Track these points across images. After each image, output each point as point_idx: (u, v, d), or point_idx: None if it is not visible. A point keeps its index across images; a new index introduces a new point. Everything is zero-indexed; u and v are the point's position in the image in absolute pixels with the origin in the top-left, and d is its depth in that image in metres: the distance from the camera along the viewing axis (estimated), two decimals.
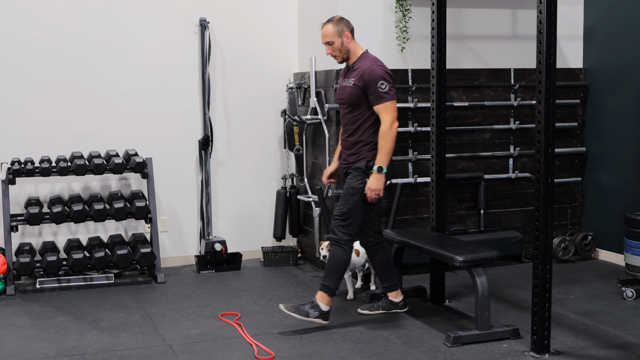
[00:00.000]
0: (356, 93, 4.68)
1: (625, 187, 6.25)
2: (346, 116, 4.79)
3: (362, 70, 4.66)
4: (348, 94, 4.72)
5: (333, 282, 4.71)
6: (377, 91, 4.60)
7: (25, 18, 5.98)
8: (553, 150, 4.18)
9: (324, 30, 4.79)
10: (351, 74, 4.76)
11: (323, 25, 4.81)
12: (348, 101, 4.74)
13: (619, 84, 6.29)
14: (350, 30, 4.77)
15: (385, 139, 4.60)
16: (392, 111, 4.61)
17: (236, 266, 6.33)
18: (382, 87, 4.60)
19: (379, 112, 4.63)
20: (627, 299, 5.30)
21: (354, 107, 4.72)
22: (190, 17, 6.37)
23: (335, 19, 4.79)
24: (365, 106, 4.68)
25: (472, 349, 4.35)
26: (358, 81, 4.66)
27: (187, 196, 6.50)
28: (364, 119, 4.70)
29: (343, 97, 4.78)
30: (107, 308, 5.26)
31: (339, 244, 4.71)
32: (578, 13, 6.59)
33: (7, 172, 5.74)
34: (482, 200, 6.30)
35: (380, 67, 4.67)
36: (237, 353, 4.35)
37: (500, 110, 6.41)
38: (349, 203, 4.70)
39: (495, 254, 4.64)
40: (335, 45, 4.75)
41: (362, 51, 4.80)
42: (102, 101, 6.21)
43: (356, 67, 4.74)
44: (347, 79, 4.78)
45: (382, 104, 4.61)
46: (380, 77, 4.61)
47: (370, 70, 4.63)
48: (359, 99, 4.68)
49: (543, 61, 4.11)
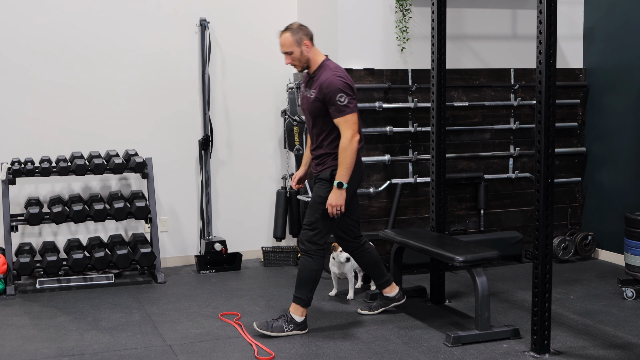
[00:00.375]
0: (317, 106, 4.52)
1: (625, 187, 6.25)
2: (310, 127, 4.66)
3: (321, 82, 4.48)
4: (310, 106, 4.57)
5: (305, 293, 4.61)
6: (337, 104, 4.42)
7: (25, 18, 5.98)
8: (553, 150, 4.18)
9: (281, 40, 4.58)
10: (312, 84, 4.59)
11: (281, 33, 4.60)
12: (310, 113, 4.59)
13: (619, 84, 6.29)
14: (310, 38, 4.58)
15: (345, 154, 4.42)
16: (352, 124, 4.44)
17: (236, 266, 6.33)
18: (340, 100, 4.41)
19: (339, 126, 4.46)
20: (627, 299, 5.30)
21: (317, 118, 4.57)
22: (190, 17, 6.37)
23: (293, 26, 4.58)
24: (328, 118, 4.52)
25: (472, 349, 4.35)
26: (318, 93, 4.50)
27: (187, 196, 6.50)
28: (328, 130, 4.55)
29: (305, 109, 4.64)
30: (107, 308, 5.26)
31: (308, 254, 4.58)
32: (578, 13, 6.59)
33: (7, 172, 5.74)
34: (482, 200, 6.30)
35: (340, 79, 4.46)
36: (237, 353, 4.35)
37: (500, 110, 6.42)
38: (317, 212, 4.57)
39: (495, 254, 4.64)
40: (294, 55, 4.56)
41: (323, 58, 4.62)
42: (102, 101, 6.21)
43: (316, 77, 4.56)
44: (309, 90, 4.61)
45: (342, 117, 4.43)
46: (339, 90, 4.42)
47: (329, 82, 4.44)
48: (320, 111, 4.52)
49: (543, 61, 4.11)
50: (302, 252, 4.63)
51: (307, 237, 4.60)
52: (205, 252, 6.27)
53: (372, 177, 6.07)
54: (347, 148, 4.43)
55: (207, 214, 6.46)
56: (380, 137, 6.07)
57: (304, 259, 4.61)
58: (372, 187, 6.05)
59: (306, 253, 4.60)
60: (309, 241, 4.60)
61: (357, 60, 5.99)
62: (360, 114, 5.95)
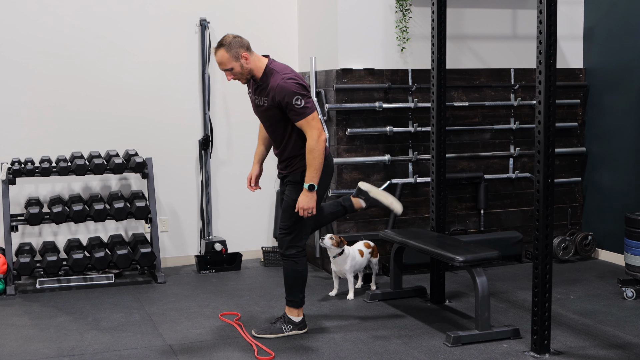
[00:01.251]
0: (273, 113, 4.38)
1: (625, 187, 6.25)
2: (270, 132, 4.53)
3: (272, 89, 4.31)
4: (266, 114, 4.44)
5: (296, 294, 4.59)
6: (295, 109, 4.26)
7: (25, 18, 5.98)
8: (553, 150, 4.18)
9: (217, 57, 4.35)
10: (261, 92, 4.41)
11: (215, 51, 4.37)
12: (268, 120, 4.46)
13: (619, 84, 6.29)
14: (247, 48, 4.36)
15: (314, 155, 4.29)
16: (316, 123, 4.30)
17: (236, 266, 6.33)
18: (297, 103, 4.25)
19: (302, 128, 4.32)
20: (627, 299, 5.30)
21: (276, 124, 4.43)
22: (190, 17, 6.37)
23: (226, 41, 4.34)
24: (287, 121, 4.38)
25: (472, 349, 4.35)
26: (271, 101, 4.33)
27: (187, 196, 6.50)
28: (289, 134, 4.42)
29: (261, 117, 4.51)
30: (107, 308, 5.26)
31: (290, 258, 4.53)
32: (578, 13, 6.59)
33: (7, 172, 5.74)
34: (482, 200, 6.30)
35: (291, 81, 4.28)
36: (237, 353, 4.35)
37: (501, 110, 6.42)
38: (293, 216, 4.46)
39: (496, 254, 4.64)
40: (235, 70, 4.35)
41: (265, 62, 4.40)
42: (102, 101, 6.21)
43: (264, 85, 4.37)
44: (259, 97, 4.43)
45: (304, 120, 4.28)
46: (293, 93, 4.25)
47: (280, 87, 4.27)
48: (278, 117, 4.38)
49: (543, 61, 4.11)
50: (283, 257, 4.56)
51: (286, 241, 4.52)
52: (206, 252, 6.27)
53: (372, 177, 6.07)
54: (314, 149, 4.30)
55: (207, 214, 6.46)
56: (380, 137, 6.07)
57: (287, 263, 4.55)
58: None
59: (287, 258, 4.55)
60: (288, 245, 4.53)
61: (357, 60, 5.99)
62: (360, 114, 5.99)
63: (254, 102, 4.54)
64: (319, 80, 6.14)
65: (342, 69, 5.93)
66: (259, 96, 4.45)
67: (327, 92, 6.04)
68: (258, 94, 4.45)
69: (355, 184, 5.98)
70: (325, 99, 6.05)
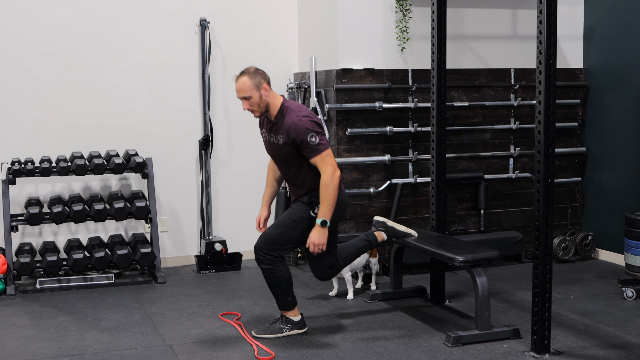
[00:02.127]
0: (289, 151, 4.42)
1: (625, 187, 6.25)
2: (284, 170, 4.56)
3: (287, 127, 4.36)
4: (280, 152, 4.47)
5: (284, 298, 4.58)
6: (309, 146, 4.31)
7: (25, 18, 5.98)
8: (553, 150, 4.18)
9: (239, 84, 4.40)
10: (276, 130, 4.45)
11: (237, 77, 4.43)
12: (283, 158, 4.49)
13: (619, 84, 6.29)
14: (267, 82, 4.43)
15: (328, 191, 4.33)
16: (330, 160, 4.35)
17: (236, 266, 6.33)
18: (312, 140, 4.30)
19: (317, 165, 4.36)
20: (627, 299, 5.30)
21: (291, 161, 4.47)
22: (190, 17, 6.37)
23: (250, 70, 4.42)
24: (301, 159, 4.42)
25: (472, 349, 4.35)
26: (287, 138, 4.37)
27: (188, 196, 6.50)
28: (304, 170, 4.45)
29: (276, 155, 4.54)
30: (107, 308, 5.26)
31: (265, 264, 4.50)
32: (578, 13, 6.59)
33: (7, 172, 5.74)
34: (482, 200, 6.30)
35: (306, 119, 4.35)
36: (237, 353, 4.35)
37: (501, 110, 6.42)
38: (284, 226, 4.51)
39: (496, 254, 4.64)
40: (253, 99, 4.38)
41: (281, 101, 4.46)
42: (102, 101, 6.21)
43: (279, 123, 4.42)
44: (273, 135, 4.48)
45: (318, 157, 4.33)
46: (308, 130, 4.30)
47: (295, 126, 4.32)
48: (293, 154, 4.42)
49: (543, 61, 4.11)
50: (259, 263, 4.52)
51: (264, 246, 4.49)
52: (206, 252, 6.27)
53: (372, 177, 6.07)
54: (328, 185, 4.33)
55: (207, 214, 6.46)
56: (380, 137, 6.07)
57: (264, 271, 4.51)
58: (372, 187, 6.06)
59: (262, 263, 4.50)
60: (264, 250, 4.50)
61: (357, 60, 5.99)
62: (360, 114, 5.99)
63: (268, 141, 4.58)
64: (319, 80, 6.14)
65: (342, 69, 5.93)
66: (273, 134, 4.49)
67: (327, 92, 6.04)
68: (273, 132, 4.50)
69: (356, 184, 6.00)
70: (325, 99, 6.05)
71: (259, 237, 4.58)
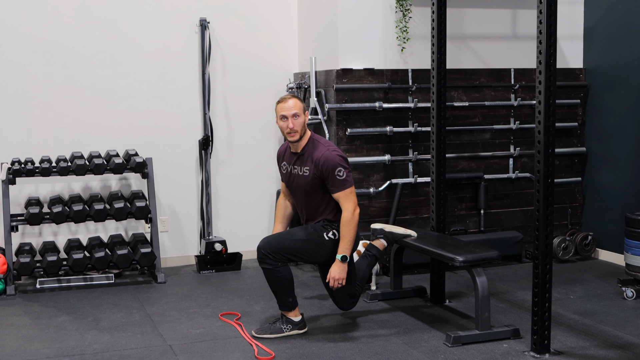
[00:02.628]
0: (314, 183, 4.52)
1: (625, 187, 6.25)
2: (304, 201, 4.62)
3: (316, 159, 4.48)
4: (304, 183, 4.55)
5: (284, 299, 4.57)
6: (336, 179, 4.44)
7: (25, 18, 5.98)
8: (553, 150, 4.18)
9: (291, 102, 4.51)
10: (302, 161, 4.56)
11: (286, 98, 4.54)
12: (307, 190, 4.56)
13: (619, 84, 6.29)
14: None
15: (349, 227, 4.44)
16: (353, 197, 4.48)
17: (236, 266, 6.33)
18: (339, 174, 4.44)
19: (339, 200, 4.48)
20: (627, 299, 5.30)
21: (315, 194, 4.56)
22: (190, 17, 6.37)
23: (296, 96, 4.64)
24: (325, 191, 4.53)
25: (472, 349, 4.35)
26: (314, 170, 4.48)
27: (188, 196, 6.50)
28: (325, 202, 4.57)
29: (297, 186, 4.60)
30: (107, 308, 5.26)
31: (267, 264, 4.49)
32: (578, 13, 6.59)
33: (7, 172, 5.74)
34: (482, 200, 6.30)
35: (335, 153, 4.49)
36: (237, 353, 4.35)
37: (501, 110, 6.42)
38: (294, 236, 4.55)
39: (496, 254, 4.64)
40: (300, 119, 4.50)
41: (309, 134, 4.60)
42: (102, 101, 6.21)
43: (307, 154, 4.54)
44: (298, 167, 4.58)
45: (342, 192, 4.45)
46: (337, 165, 4.44)
47: (325, 158, 4.45)
48: (318, 187, 4.53)
49: (543, 61, 4.11)
50: (260, 262, 4.51)
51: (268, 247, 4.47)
52: (206, 252, 6.27)
53: (372, 177, 6.07)
54: (350, 221, 4.45)
55: (207, 214, 6.46)
56: (380, 137, 6.07)
57: (265, 270, 4.50)
58: (372, 187, 6.06)
59: (264, 262, 4.49)
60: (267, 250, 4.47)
61: (357, 60, 5.99)
62: (360, 114, 5.99)
63: (289, 173, 4.65)
64: (319, 80, 6.14)
65: (342, 69, 5.93)
66: (298, 166, 4.59)
67: (327, 92, 6.04)
68: (297, 164, 4.60)
69: (356, 184, 5.98)
70: (325, 99, 6.05)
71: (265, 238, 4.59)
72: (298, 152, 4.60)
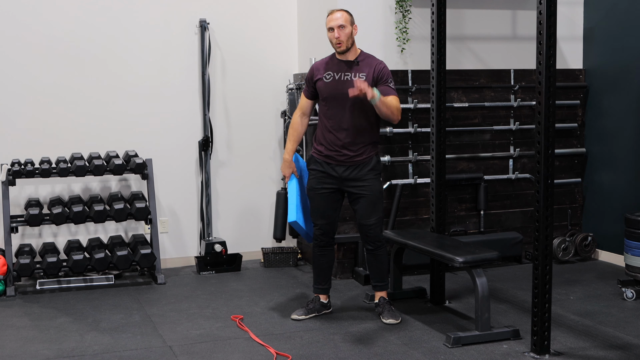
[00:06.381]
0: None
1: (625, 187, 6.25)
2: (349, 116, 4.75)
3: (372, 66, 4.73)
4: None
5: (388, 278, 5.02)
6: (389, 85, 4.72)
7: (25, 18, 5.98)
8: (553, 151, 4.18)
9: (337, 14, 4.73)
10: (358, 68, 4.75)
11: (334, 11, 4.77)
12: (355, 104, 4.70)
13: (619, 84, 6.29)
14: None
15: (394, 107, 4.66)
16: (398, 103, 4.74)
17: (236, 267, 6.33)
18: (391, 85, 4.73)
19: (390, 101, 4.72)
20: (627, 300, 5.30)
21: (362, 104, 4.69)
22: (190, 18, 6.37)
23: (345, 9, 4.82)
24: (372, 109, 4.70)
25: (472, 350, 4.35)
26: (373, 74, 4.71)
27: (187, 197, 6.50)
28: (373, 118, 4.80)
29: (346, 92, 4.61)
30: (107, 309, 5.26)
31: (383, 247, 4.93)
32: (578, 13, 6.59)
33: (7, 173, 5.74)
34: (482, 201, 6.30)
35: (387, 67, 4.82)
36: (237, 354, 4.35)
37: (500, 111, 6.42)
38: (380, 209, 4.86)
39: (495, 255, 4.64)
40: (346, 30, 4.71)
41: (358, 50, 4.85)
42: (101, 102, 6.21)
43: (362, 62, 4.77)
44: (350, 73, 4.75)
45: (393, 96, 4.71)
46: (390, 74, 4.76)
47: (382, 66, 4.75)
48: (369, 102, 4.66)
49: (543, 62, 4.12)
50: (378, 248, 4.89)
51: (376, 233, 4.86)
52: (205, 253, 6.27)
53: None
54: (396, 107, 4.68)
55: (207, 215, 6.46)
56: (380, 138, 6.05)
57: (383, 251, 4.91)
58: None
59: (382, 247, 4.91)
60: (378, 236, 4.87)
61: None
62: None
63: (339, 79, 4.76)
64: None
65: None
66: (353, 72, 4.74)
67: None
68: (353, 70, 4.75)
69: None
70: None
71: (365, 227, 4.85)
72: (352, 60, 4.78)
